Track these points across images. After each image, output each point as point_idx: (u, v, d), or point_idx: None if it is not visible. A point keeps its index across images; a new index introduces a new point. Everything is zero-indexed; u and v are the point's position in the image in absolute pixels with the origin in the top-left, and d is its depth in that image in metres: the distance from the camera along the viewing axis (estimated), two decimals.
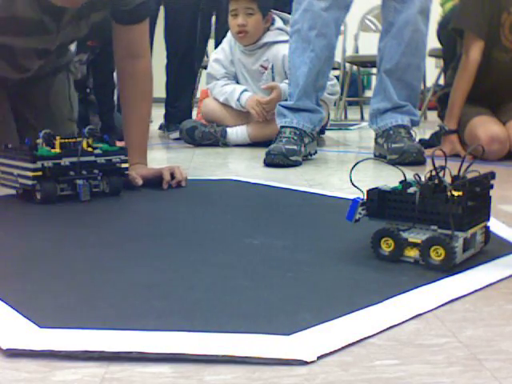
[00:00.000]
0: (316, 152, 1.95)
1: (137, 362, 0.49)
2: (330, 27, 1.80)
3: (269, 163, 1.74)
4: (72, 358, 0.49)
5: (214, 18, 3.16)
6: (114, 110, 2.34)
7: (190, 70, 2.86)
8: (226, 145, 2.37)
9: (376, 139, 1.92)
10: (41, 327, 0.54)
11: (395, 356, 0.50)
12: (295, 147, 1.78)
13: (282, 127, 1.87)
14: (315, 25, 1.79)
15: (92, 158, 1.19)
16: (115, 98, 2.36)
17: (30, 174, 1.13)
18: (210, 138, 2.38)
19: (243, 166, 1.82)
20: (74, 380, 0.46)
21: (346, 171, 1.69)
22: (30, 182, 1.14)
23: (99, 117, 2.20)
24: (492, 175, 0.78)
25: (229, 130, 2.38)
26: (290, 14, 2.00)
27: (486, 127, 1.86)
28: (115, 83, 2.31)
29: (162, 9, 2.78)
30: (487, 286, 0.67)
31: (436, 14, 2.54)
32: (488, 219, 0.79)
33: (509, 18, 1.93)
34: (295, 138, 1.81)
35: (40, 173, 1.14)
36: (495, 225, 0.93)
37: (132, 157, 1.32)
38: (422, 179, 0.75)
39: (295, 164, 1.76)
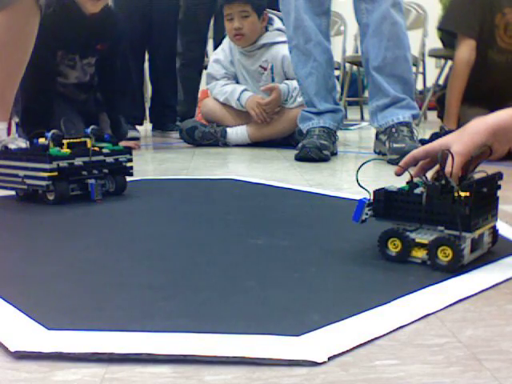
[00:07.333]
0: (337, 153, 2.03)
1: (137, 362, 0.49)
2: (321, 33, 1.96)
3: (302, 157, 1.83)
4: (74, 358, 0.49)
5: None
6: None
7: (173, 73, 2.93)
8: (225, 145, 2.37)
9: (377, 134, 1.93)
10: (49, 329, 0.54)
11: (395, 356, 0.50)
12: (326, 143, 1.89)
13: (311, 128, 1.97)
14: (309, 37, 1.95)
15: (101, 158, 1.20)
16: None
17: (46, 174, 1.12)
18: (210, 138, 2.38)
19: (243, 166, 1.82)
20: (74, 380, 0.46)
21: (346, 171, 1.69)
22: (44, 183, 1.12)
23: (108, 116, 2.18)
24: (500, 176, 0.78)
25: (229, 130, 2.38)
26: (278, 10, 2.11)
27: None
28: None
29: None
30: (492, 286, 0.67)
31: (436, 14, 2.54)
32: (496, 220, 0.79)
33: (503, 20, 1.94)
34: (324, 135, 1.93)
35: (56, 173, 1.13)
36: (499, 225, 0.93)
37: None
38: (429, 180, 0.75)
39: (326, 159, 1.85)
